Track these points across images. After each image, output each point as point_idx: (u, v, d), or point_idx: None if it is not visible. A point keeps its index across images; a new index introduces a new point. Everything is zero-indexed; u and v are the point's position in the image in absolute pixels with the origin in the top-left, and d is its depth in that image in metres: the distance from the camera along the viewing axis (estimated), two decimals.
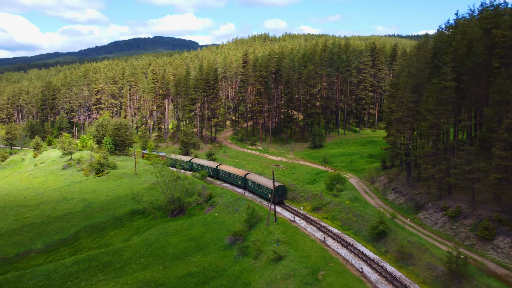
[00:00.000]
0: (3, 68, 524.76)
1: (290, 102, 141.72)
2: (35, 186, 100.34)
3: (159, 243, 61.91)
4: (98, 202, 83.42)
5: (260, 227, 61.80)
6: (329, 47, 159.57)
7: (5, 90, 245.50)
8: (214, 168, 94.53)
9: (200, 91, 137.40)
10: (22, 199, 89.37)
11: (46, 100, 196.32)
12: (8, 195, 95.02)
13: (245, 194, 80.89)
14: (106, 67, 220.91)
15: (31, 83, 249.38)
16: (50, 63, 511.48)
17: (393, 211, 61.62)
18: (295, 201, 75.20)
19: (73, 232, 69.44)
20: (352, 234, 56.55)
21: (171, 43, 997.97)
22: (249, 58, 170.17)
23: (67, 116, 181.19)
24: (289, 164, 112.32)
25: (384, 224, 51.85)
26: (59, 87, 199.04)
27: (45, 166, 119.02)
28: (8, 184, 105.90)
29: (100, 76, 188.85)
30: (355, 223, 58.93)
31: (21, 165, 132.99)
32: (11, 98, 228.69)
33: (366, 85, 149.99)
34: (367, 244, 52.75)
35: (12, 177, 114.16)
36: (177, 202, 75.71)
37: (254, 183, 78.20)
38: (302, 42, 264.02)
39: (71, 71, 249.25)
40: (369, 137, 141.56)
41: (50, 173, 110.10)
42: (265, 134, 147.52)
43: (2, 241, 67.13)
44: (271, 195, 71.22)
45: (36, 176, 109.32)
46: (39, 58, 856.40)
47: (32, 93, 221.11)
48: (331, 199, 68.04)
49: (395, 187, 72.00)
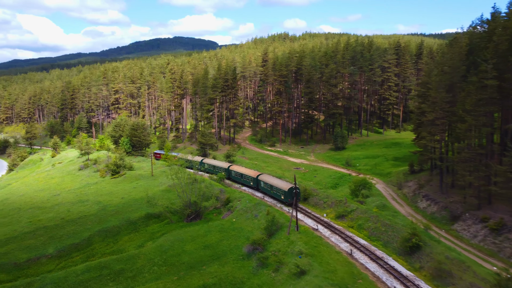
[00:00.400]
0: (27, 69, 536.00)
1: (311, 102, 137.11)
2: (51, 187, 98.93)
3: (173, 251, 58.70)
4: (113, 205, 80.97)
5: (280, 235, 57.86)
6: (352, 45, 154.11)
7: (27, 90, 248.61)
8: (225, 169, 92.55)
9: (218, 90, 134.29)
10: (37, 201, 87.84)
11: (66, 99, 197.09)
12: (24, 196, 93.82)
13: (265, 199, 77.07)
14: (124, 67, 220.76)
15: (52, 83, 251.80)
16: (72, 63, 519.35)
17: (426, 222, 56.64)
18: (317, 207, 70.94)
19: (86, 237, 66.99)
20: (381, 246, 52.00)
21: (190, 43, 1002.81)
22: (268, 57, 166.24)
23: (86, 116, 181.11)
24: (310, 166, 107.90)
25: (417, 237, 47.19)
26: (78, 87, 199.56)
27: (63, 166, 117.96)
28: (25, 185, 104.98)
29: (119, 75, 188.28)
30: (384, 233, 54.32)
31: (40, 165, 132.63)
32: (32, 97, 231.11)
33: (391, 85, 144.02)
34: (399, 258, 48.15)
35: (30, 177, 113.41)
36: (194, 206, 72.45)
37: (266, 184, 76.75)
38: (323, 41, 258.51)
39: (91, 71, 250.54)
40: (393, 139, 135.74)
41: (67, 173, 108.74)
42: (285, 135, 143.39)
43: (14, 244, 65.14)
44: (284, 196, 70.16)
45: (53, 176, 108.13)
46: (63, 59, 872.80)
47: (53, 92, 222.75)
48: (356, 206, 63.52)
49: (426, 194, 66.87)
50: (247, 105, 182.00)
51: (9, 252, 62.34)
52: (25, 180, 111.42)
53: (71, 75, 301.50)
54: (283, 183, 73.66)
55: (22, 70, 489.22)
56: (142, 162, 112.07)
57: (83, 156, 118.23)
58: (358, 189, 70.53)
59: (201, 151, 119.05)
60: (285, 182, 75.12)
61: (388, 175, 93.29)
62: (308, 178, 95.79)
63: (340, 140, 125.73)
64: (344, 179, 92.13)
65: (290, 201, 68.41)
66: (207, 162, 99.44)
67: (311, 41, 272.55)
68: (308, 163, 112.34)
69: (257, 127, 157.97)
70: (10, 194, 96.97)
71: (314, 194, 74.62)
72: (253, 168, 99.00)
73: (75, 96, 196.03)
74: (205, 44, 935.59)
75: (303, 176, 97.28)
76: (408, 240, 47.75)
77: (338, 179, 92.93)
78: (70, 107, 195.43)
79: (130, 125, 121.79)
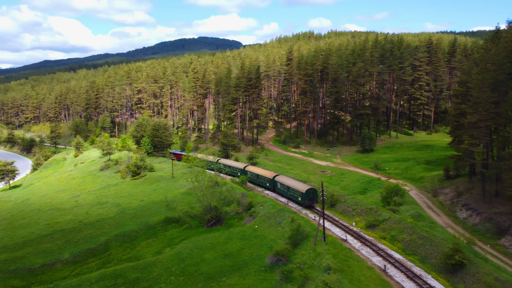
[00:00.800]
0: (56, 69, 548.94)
1: (337, 102, 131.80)
2: (71, 187, 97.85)
3: (192, 259, 55.38)
4: (132, 207, 78.63)
5: (306, 246, 53.69)
6: (381, 43, 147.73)
7: (53, 89, 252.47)
8: (241, 169, 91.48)
9: (241, 90, 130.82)
10: (57, 202, 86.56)
11: (90, 99, 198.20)
12: (45, 196, 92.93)
13: (289, 204, 72.96)
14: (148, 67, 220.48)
15: (78, 82, 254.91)
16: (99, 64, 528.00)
17: (469, 235, 51.16)
18: (345, 214, 66.31)
19: (103, 241, 64.59)
20: (418, 262, 47.09)
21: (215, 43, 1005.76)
22: (293, 55, 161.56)
23: (109, 115, 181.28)
24: (337, 169, 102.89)
25: (461, 253, 42.16)
26: (102, 87, 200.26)
27: (84, 166, 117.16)
28: (47, 185, 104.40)
29: (142, 75, 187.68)
30: (420, 247, 49.30)
31: (62, 164, 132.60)
32: (58, 97, 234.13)
33: (422, 84, 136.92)
34: (439, 276, 43.22)
35: (52, 177, 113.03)
36: (214, 211, 69.11)
37: (283, 186, 75.77)
38: (350, 39, 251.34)
39: (115, 71, 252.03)
40: (424, 141, 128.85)
41: (88, 174, 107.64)
42: (309, 136, 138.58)
43: (31, 248, 63.40)
44: (301, 198, 68.77)
45: (74, 176, 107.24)
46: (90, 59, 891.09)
47: (78, 92, 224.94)
48: (389, 215, 58.59)
49: (466, 202, 61.14)
50: (270, 105, 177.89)
51: (24, 256, 60.58)
52: (47, 180, 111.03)
53: (97, 75, 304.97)
54: (300, 184, 72.24)
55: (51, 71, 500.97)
56: (163, 163, 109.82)
57: (105, 156, 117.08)
58: (390, 196, 65.43)
59: (223, 152, 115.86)
60: (302, 184, 73.63)
61: (421, 180, 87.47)
62: (335, 182, 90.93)
63: (368, 142, 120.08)
64: (373, 183, 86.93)
65: (308, 203, 68.27)
66: (222, 162, 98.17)
67: (336, 39, 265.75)
68: (334, 166, 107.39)
69: (281, 127, 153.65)
70: (32, 195, 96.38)
71: (342, 201, 70.05)
72: (276, 170, 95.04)
73: (99, 96, 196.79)
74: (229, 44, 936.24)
75: (329, 180, 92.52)
76: (450, 257, 42.76)
77: (367, 184, 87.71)
78: (94, 106, 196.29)
79: (151, 125, 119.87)
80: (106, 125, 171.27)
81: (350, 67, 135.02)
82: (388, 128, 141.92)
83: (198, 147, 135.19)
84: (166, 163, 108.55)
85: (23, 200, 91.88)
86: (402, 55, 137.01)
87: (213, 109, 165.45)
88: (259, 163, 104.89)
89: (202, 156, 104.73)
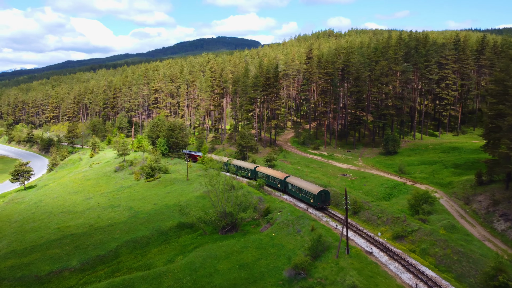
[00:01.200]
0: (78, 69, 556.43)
1: (359, 102, 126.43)
2: (85, 189, 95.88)
3: (205, 270, 51.88)
4: (144, 211, 75.78)
5: (327, 258, 49.45)
6: (405, 40, 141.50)
7: (72, 89, 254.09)
8: (252, 170, 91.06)
9: (259, 89, 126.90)
10: (69, 204, 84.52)
11: (108, 99, 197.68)
12: (58, 198, 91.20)
13: (308, 210, 68.75)
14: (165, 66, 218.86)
15: (97, 82, 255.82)
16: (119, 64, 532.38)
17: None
18: (370, 223, 61.67)
19: (113, 248, 61.78)
20: (454, 280, 42.33)
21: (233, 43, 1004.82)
22: (313, 53, 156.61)
23: (126, 115, 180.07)
24: (358, 173, 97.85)
25: (505, 274, 37.25)
26: (120, 86, 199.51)
27: (99, 167, 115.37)
28: (61, 186, 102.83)
29: (159, 74, 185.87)
30: (456, 263, 44.45)
31: (78, 164, 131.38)
32: (77, 97, 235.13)
33: (449, 83, 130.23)
34: None
35: (67, 178, 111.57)
36: (229, 217, 65.49)
37: (294, 187, 75.38)
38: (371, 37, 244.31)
39: (133, 70, 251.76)
40: (451, 143, 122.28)
41: (102, 175, 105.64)
42: (329, 137, 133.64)
43: (39, 254, 61.09)
44: (313, 200, 68.08)
45: (88, 178, 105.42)
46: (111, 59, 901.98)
47: (96, 92, 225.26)
48: (418, 226, 53.75)
49: (504, 212, 55.75)
50: (289, 105, 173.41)
51: (32, 263, 58.26)
52: (62, 181, 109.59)
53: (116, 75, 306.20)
54: (312, 186, 71.50)
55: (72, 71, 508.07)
56: (178, 164, 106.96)
57: (120, 157, 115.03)
58: (419, 204, 60.41)
59: (240, 153, 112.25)
60: (314, 185, 72.64)
61: (450, 185, 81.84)
62: (357, 186, 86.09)
63: (392, 144, 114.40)
64: (398, 188, 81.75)
65: (320, 205, 67.54)
66: (233, 163, 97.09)
67: (357, 37, 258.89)
68: (356, 169, 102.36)
69: (299, 128, 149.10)
70: (45, 196, 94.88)
71: (366, 208, 65.42)
72: (295, 174, 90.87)
73: (117, 96, 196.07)
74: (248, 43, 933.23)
75: (351, 184, 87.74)
76: (492, 277, 37.92)
77: (391, 189, 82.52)
78: (111, 106, 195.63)
79: (167, 125, 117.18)
80: (123, 125, 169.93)
81: (373, 66, 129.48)
82: (412, 129, 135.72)
83: (214, 148, 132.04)
84: (182, 165, 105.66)
85: (36, 201, 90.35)
86: (428, 52, 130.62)
87: (230, 109, 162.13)
88: (277, 165, 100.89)
89: (216, 158, 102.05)
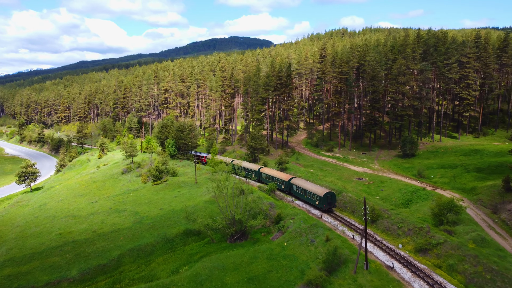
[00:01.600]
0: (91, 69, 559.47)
1: (375, 102, 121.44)
2: (91, 192, 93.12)
3: (211, 283, 48.21)
4: (150, 217, 72.49)
5: (344, 274, 45.26)
6: (423, 38, 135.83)
7: (84, 89, 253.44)
8: (255, 171, 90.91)
9: (271, 89, 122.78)
10: (74, 208, 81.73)
11: (118, 98, 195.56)
12: (63, 201, 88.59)
13: (323, 218, 64.56)
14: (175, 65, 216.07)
15: (108, 81, 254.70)
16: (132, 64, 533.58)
17: None
18: (389, 233, 57.17)
19: (115, 257, 58.50)
20: None
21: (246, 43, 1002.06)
22: (327, 52, 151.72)
23: (136, 115, 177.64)
24: (375, 176, 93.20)
25: None
26: (130, 86, 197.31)
27: (107, 169, 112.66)
28: (67, 188, 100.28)
29: (169, 74, 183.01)
30: (489, 283, 39.86)
31: (86, 166, 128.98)
32: (87, 96, 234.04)
33: (470, 82, 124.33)
34: None
35: (73, 180, 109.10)
36: (238, 225, 61.62)
37: (299, 189, 74.74)
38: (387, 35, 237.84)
39: (144, 70, 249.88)
40: (472, 145, 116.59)
41: (109, 177, 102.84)
42: (344, 139, 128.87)
43: (38, 262, 58.16)
44: (319, 202, 67.81)
45: (95, 180, 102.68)
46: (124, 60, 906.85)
47: (107, 92, 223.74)
48: (444, 238, 49.14)
49: None
50: (302, 105, 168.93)
51: (30, 272, 55.32)
52: (68, 183, 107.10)
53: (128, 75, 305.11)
54: (318, 187, 71.14)
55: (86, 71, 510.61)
56: (187, 166, 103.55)
57: (128, 159, 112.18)
58: (443, 214, 55.64)
59: (251, 155, 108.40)
60: (320, 187, 71.97)
61: (473, 191, 76.90)
62: (373, 191, 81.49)
63: (409, 146, 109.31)
64: (418, 194, 77.04)
65: (326, 207, 67.09)
66: (236, 164, 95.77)
67: (372, 36, 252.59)
68: (372, 173, 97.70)
69: (312, 129, 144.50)
70: (50, 199, 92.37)
71: (385, 216, 60.90)
72: (308, 177, 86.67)
73: (127, 96, 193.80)
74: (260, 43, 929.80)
75: (367, 189, 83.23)
76: None
77: (411, 195, 77.76)
78: (121, 106, 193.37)
79: (176, 126, 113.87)
80: (133, 125, 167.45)
81: (390, 64, 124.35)
82: (430, 131, 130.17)
83: (225, 149, 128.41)
84: (190, 167, 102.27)
85: (40, 205, 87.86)
86: (448, 51, 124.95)
87: (241, 109, 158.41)
88: (289, 168, 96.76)
89: (223, 159, 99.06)
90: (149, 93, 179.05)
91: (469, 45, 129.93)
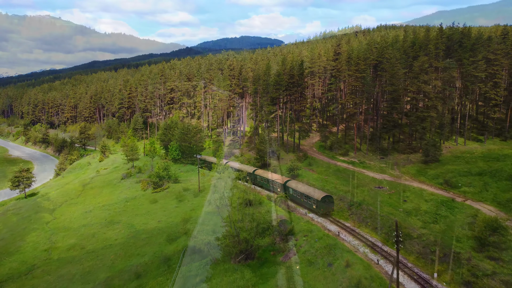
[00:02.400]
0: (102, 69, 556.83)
1: (395, 102, 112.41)
2: (86, 199, 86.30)
3: None
4: (146, 230, 65.19)
5: None
6: (446, 33, 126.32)
7: (90, 89, 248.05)
8: (250, 173, 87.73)
9: (282, 88, 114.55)
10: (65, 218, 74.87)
11: (123, 98, 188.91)
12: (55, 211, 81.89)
13: (340, 236, 56.27)
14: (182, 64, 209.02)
15: (115, 81, 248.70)
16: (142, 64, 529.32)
17: None
18: (420, 258, 48.65)
19: (102, 280, 51.15)
20: None
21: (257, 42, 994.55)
22: (342, 49, 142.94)
23: (141, 116, 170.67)
24: (396, 185, 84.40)
25: None
26: (136, 85, 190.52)
27: (106, 173, 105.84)
28: (62, 195, 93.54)
29: (175, 73, 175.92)
30: None
31: (86, 169, 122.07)
32: (93, 96, 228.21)
33: (498, 81, 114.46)
34: None
35: (71, 185, 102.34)
36: (244, 243, 53.69)
37: (296, 192, 72.24)
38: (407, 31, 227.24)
39: (150, 69, 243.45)
40: (500, 149, 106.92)
41: (107, 183, 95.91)
42: (360, 142, 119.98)
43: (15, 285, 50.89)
44: (316, 206, 66.20)
45: (92, 186, 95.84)
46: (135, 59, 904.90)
47: (113, 91, 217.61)
48: (492, 269, 40.64)
49: None
50: (315, 106, 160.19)
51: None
52: (65, 188, 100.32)
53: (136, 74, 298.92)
54: (316, 191, 69.11)
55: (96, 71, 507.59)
56: (190, 172, 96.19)
57: (129, 163, 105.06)
58: (486, 236, 46.97)
59: (260, 160, 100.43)
60: (318, 190, 69.75)
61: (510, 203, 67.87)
62: (395, 202, 72.82)
63: (432, 150, 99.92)
64: (447, 206, 68.36)
65: (323, 211, 65.34)
66: (232, 165, 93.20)
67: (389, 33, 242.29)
68: (392, 180, 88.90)
69: (326, 131, 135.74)
70: (42, 208, 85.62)
71: (414, 236, 52.39)
72: (323, 187, 78.52)
73: (132, 95, 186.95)
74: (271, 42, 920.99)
75: (388, 200, 74.56)
76: None
77: (438, 207, 68.98)
78: (126, 106, 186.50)
79: (180, 128, 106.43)
80: (138, 126, 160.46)
81: (410, 61, 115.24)
82: (453, 133, 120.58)
83: (232, 153, 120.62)
84: (194, 172, 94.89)
85: (30, 214, 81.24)
86: (474, 47, 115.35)
87: (250, 110, 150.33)
88: (301, 175, 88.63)
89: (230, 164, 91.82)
90: (155, 93, 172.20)
91: (497, 41, 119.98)
